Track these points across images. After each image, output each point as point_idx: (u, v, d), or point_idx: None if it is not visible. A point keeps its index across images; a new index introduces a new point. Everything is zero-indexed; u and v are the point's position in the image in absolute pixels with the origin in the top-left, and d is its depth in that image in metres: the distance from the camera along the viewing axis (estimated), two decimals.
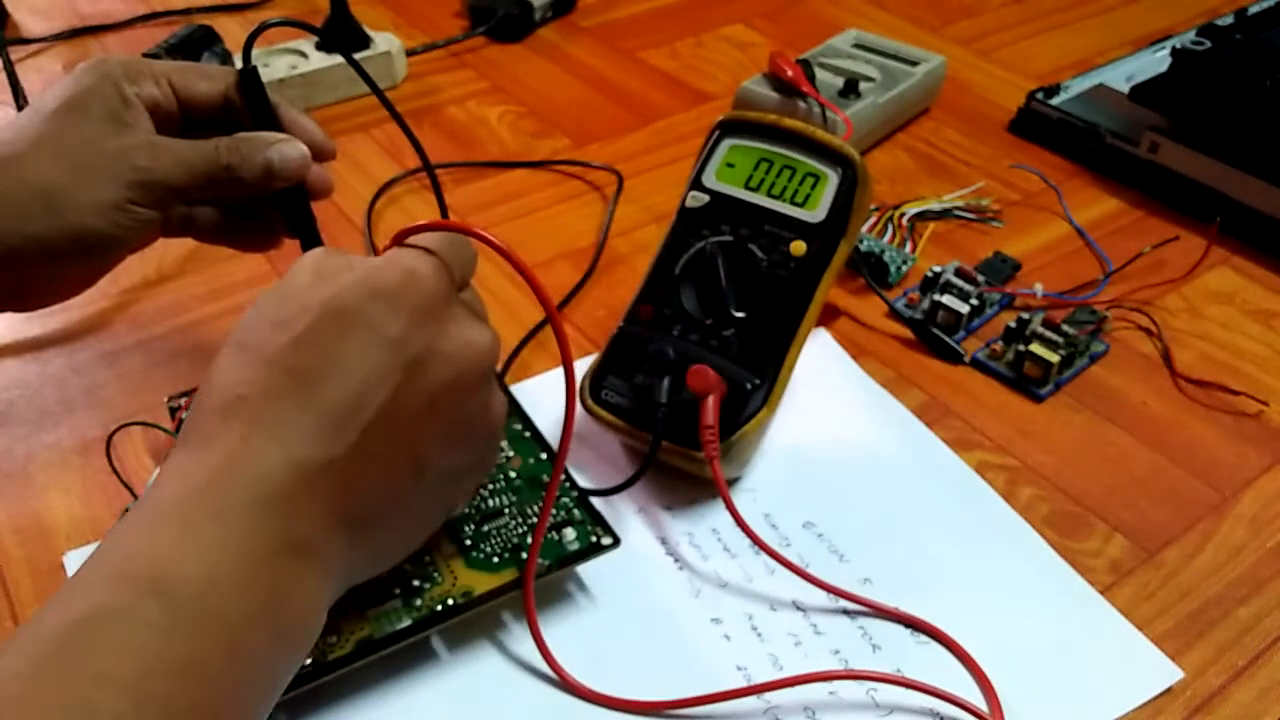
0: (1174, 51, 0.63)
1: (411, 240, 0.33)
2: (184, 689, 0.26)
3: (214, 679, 0.27)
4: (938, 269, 0.55)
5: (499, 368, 0.49)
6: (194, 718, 0.26)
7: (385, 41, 0.74)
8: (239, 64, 0.42)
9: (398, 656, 0.37)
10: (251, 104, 0.42)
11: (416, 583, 0.37)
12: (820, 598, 0.40)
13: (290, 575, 0.29)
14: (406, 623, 0.36)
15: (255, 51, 0.41)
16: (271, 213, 0.46)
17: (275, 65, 0.71)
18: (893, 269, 0.56)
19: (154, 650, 0.26)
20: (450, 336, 0.32)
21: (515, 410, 0.44)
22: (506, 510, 0.39)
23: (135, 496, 0.43)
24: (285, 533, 0.29)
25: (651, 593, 0.40)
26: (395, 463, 0.31)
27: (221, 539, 0.28)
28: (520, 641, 0.39)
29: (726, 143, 0.48)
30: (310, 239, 0.43)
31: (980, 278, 0.54)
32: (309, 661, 0.34)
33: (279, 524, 0.29)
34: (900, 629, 0.39)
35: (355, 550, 0.31)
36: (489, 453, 0.37)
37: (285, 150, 0.41)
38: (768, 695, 0.37)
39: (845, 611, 0.40)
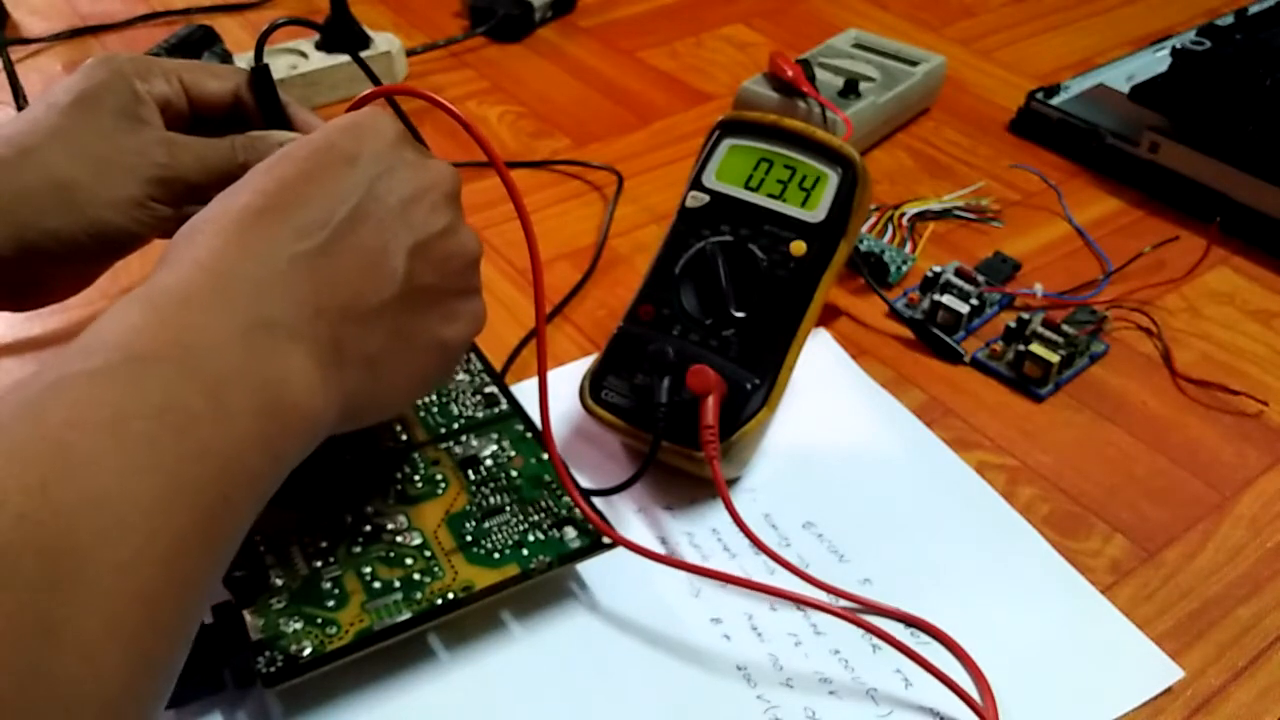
0: (1174, 51, 0.63)
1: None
2: (163, 427, 0.25)
3: (197, 421, 0.26)
4: (938, 269, 0.55)
5: (502, 364, 0.49)
6: (184, 461, 0.25)
7: (385, 41, 0.74)
8: (239, 64, 0.42)
9: (396, 656, 0.37)
10: (263, 102, 0.42)
11: (417, 576, 0.37)
12: (820, 598, 0.40)
13: (267, 349, 0.29)
14: (406, 615, 0.36)
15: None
16: None
17: (276, 65, 0.70)
18: (893, 269, 0.56)
19: (130, 397, 0.25)
20: (408, 160, 0.35)
21: (516, 411, 0.44)
22: (508, 508, 0.40)
23: None
24: (257, 312, 0.29)
25: (651, 592, 0.40)
26: (368, 260, 0.32)
27: (190, 316, 0.28)
28: (520, 641, 0.39)
29: (726, 143, 0.48)
30: None
31: (980, 278, 0.54)
32: (308, 651, 0.34)
33: (247, 306, 0.29)
34: (900, 629, 0.39)
35: (345, 354, 0.31)
36: (469, 288, 0.37)
37: None
38: (768, 695, 0.37)
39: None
